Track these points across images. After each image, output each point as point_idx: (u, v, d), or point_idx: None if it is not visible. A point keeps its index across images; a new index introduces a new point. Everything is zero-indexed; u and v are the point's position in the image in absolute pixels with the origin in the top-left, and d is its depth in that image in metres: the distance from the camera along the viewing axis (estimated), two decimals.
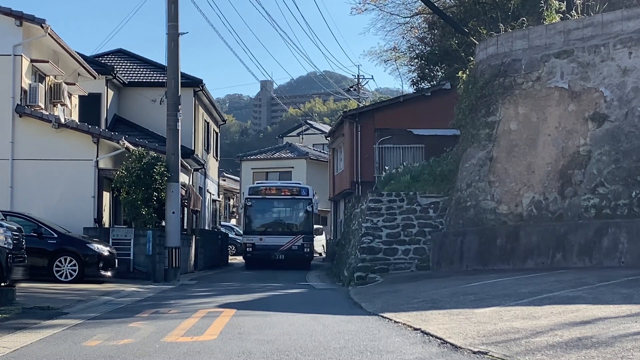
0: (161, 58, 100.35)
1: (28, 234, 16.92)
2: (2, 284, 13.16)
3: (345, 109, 44.37)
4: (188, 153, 30.49)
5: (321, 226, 46.73)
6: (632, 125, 16.37)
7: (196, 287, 20.60)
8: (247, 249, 32.57)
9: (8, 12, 22.74)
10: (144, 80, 33.40)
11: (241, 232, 38.91)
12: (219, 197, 43.25)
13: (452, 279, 16.09)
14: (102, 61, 32.36)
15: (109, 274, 20.02)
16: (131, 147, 24.12)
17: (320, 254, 43.35)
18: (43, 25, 22.80)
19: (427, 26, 35.07)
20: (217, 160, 43.11)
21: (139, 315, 12.18)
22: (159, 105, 29.06)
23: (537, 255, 16.61)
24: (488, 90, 19.23)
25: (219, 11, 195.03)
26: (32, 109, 23.10)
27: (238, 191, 60.30)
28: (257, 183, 36.93)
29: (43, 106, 23.85)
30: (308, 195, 33.41)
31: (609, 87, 16.87)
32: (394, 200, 21.52)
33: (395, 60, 39.11)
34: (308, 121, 75.67)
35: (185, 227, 28.79)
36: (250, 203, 33.10)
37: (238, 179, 62.51)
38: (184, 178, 28.10)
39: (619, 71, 16.77)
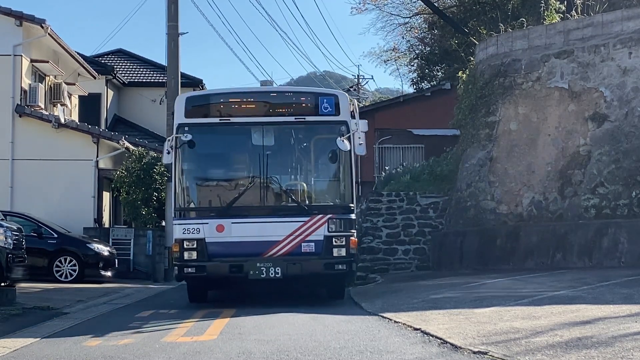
0: (161, 58, 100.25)
1: (28, 234, 16.93)
2: (2, 284, 13.16)
3: None
4: None
5: None
6: (632, 125, 16.37)
7: None
8: (186, 256, 13.20)
9: (8, 12, 22.77)
10: (144, 80, 33.42)
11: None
12: None
13: (452, 279, 16.08)
14: (102, 61, 32.38)
15: (109, 274, 20.03)
16: (131, 147, 24.12)
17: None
18: (43, 25, 22.81)
19: (427, 26, 35.06)
20: None
21: (139, 315, 12.18)
22: (159, 105, 29.04)
23: (537, 255, 16.60)
24: (488, 90, 19.23)
25: (219, 11, 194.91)
26: (32, 109, 23.10)
27: None
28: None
29: (43, 106, 23.85)
30: (337, 113, 14.00)
31: (609, 87, 16.87)
32: (393, 200, 21.51)
33: (395, 60, 39.13)
34: None
35: None
36: (189, 137, 13.60)
37: None
38: None
39: (619, 71, 16.77)
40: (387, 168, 27.21)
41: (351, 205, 13.72)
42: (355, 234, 13.60)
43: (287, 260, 13.16)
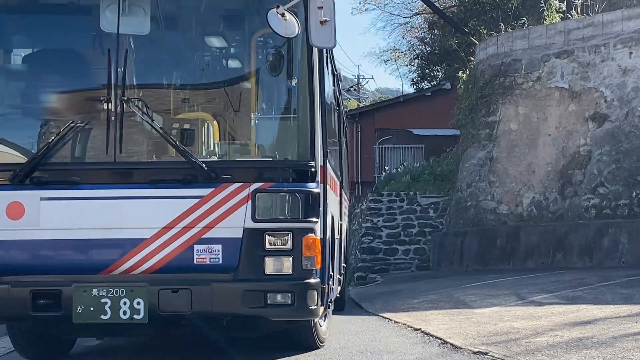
0: None
1: None
2: None
3: (345, 109, 44.39)
4: None
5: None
6: (633, 125, 16.37)
7: None
8: None
9: None
10: None
11: None
12: None
13: (453, 279, 16.08)
14: None
15: None
16: None
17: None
18: None
19: (427, 26, 35.09)
20: None
21: None
22: None
23: (537, 256, 16.61)
24: (488, 90, 19.23)
25: None
26: None
27: None
28: None
29: None
30: None
31: (609, 87, 16.87)
32: (394, 200, 21.53)
33: (395, 60, 39.17)
34: None
35: None
36: None
37: None
38: None
39: (619, 71, 16.77)
40: (387, 168, 27.24)
41: (311, 164, 6.32)
42: (319, 228, 6.31)
43: (159, 282, 6.06)
